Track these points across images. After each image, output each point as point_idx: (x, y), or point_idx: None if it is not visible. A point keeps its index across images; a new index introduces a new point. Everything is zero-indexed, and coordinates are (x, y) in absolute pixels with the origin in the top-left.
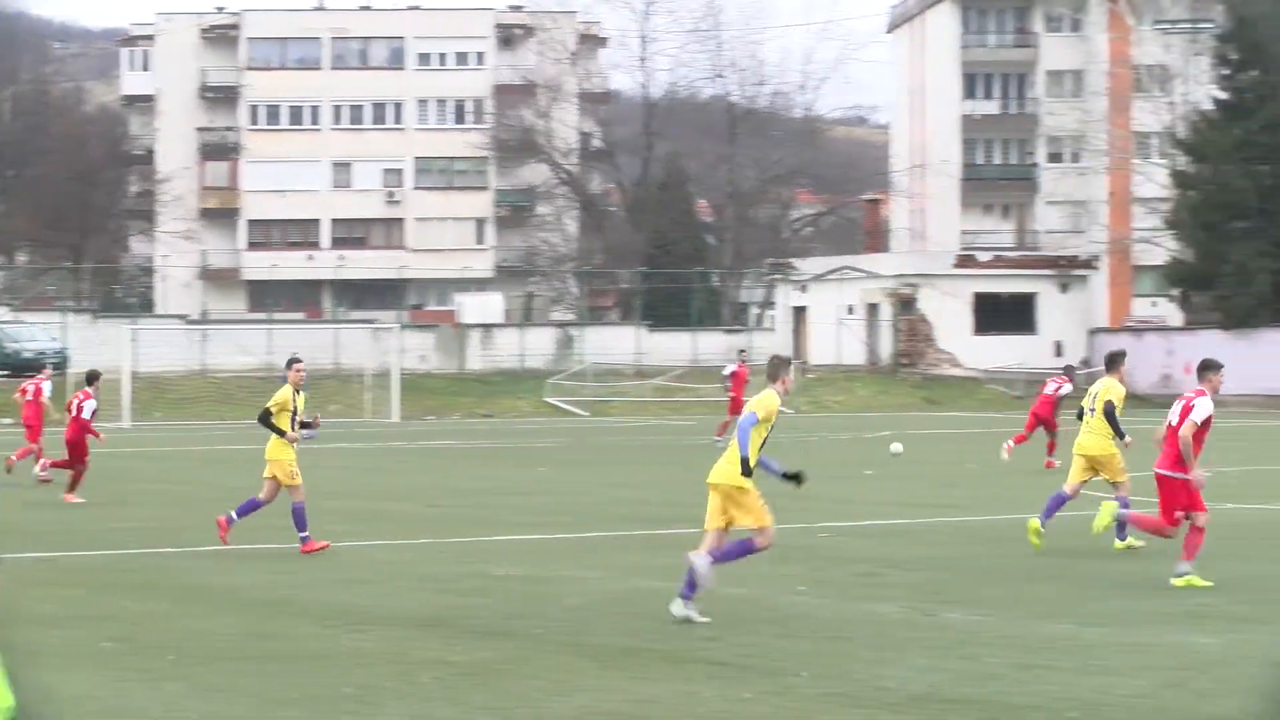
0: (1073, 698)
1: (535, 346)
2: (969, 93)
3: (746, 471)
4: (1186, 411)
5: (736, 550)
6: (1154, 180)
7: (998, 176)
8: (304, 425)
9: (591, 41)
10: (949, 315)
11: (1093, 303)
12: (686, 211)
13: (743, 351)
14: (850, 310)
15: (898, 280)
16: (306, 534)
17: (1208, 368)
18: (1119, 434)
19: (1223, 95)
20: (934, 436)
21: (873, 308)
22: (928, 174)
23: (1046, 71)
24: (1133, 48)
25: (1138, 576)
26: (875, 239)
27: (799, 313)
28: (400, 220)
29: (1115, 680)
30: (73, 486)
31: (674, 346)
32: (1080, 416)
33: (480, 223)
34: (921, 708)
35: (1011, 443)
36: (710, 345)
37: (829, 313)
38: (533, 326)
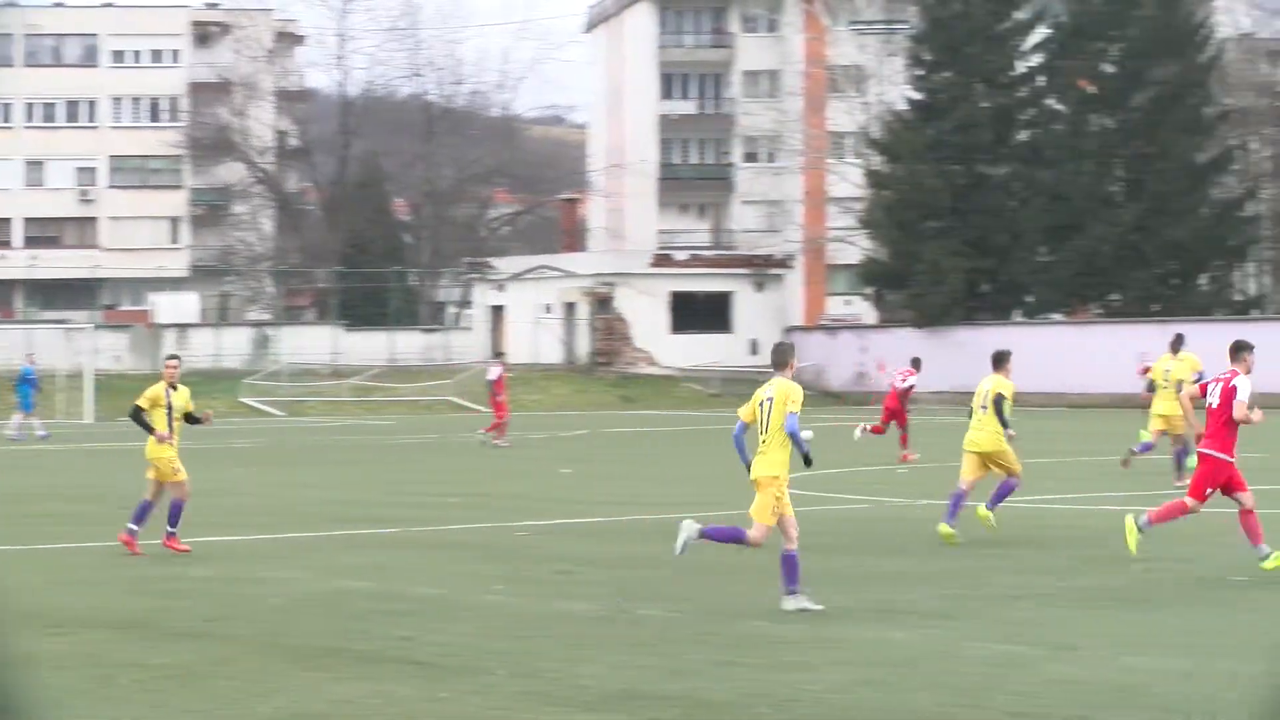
0: (766, 694)
1: (231, 346)
2: (666, 93)
3: (808, 463)
4: (1229, 394)
5: (730, 534)
6: (849, 180)
7: (694, 176)
8: (193, 420)
9: (288, 39)
10: (646, 314)
11: (788, 301)
12: (383, 210)
13: (501, 354)
14: (548, 309)
15: (595, 279)
16: (174, 530)
17: (1242, 348)
18: (1005, 425)
19: (917, 96)
20: (631, 435)
21: (570, 307)
22: (625, 173)
23: (743, 72)
24: (828, 48)
25: (833, 574)
26: (573, 238)
27: (497, 312)
28: (94, 219)
29: (809, 676)
30: None
31: (371, 346)
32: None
33: (175, 222)
34: (618, 704)
35: (867, 426)
36: (408, 345)
37: (527, 312)
38: (228, 326)
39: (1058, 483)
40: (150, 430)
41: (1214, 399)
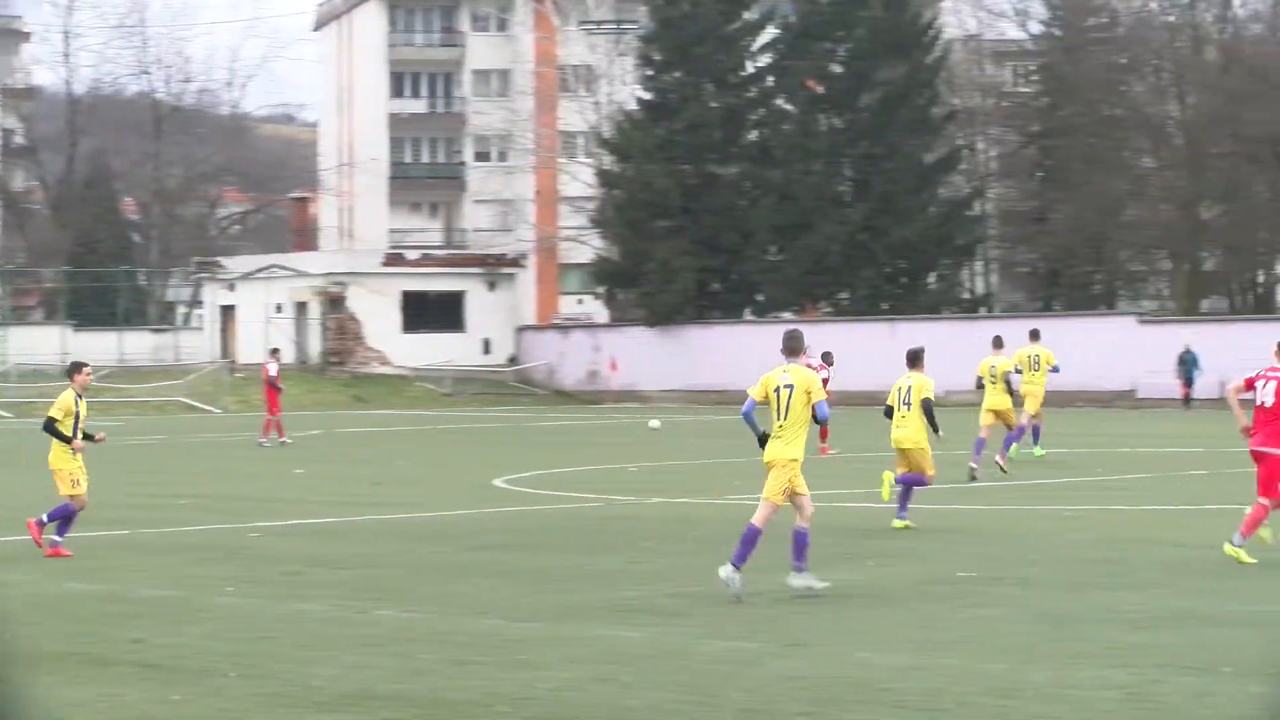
0: (501, 692)
1: None
2: (396, 91)
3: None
4: None
5: (750, 543)
6: (580, 179)
7: (426, 175)
8: (88, 437)
9: (13, 36)
10: (378, 313)
11: (520, 300)
12: (112, 209)
13: (276, 350)
14: (279, 309)
15: (326, 279)
16: (59, 541)
17: None
18: (935, 428)
19: (647, 95)
20: (363, 434)
21: (301, 306)
22: (356, 172)
23: (473, 71)
24: (558, 48)
25: (566, 571)
26: (304, 237)
27: (227, 311)
28: None
29: (542, 674)
30: None
31: (100, 346)
32: (889, 414)
33: None
34: (353, 705)
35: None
36: (137, 345)
37: (257, 311)
38: None
39: None
40: (67, 440)
41: (1267, 397)
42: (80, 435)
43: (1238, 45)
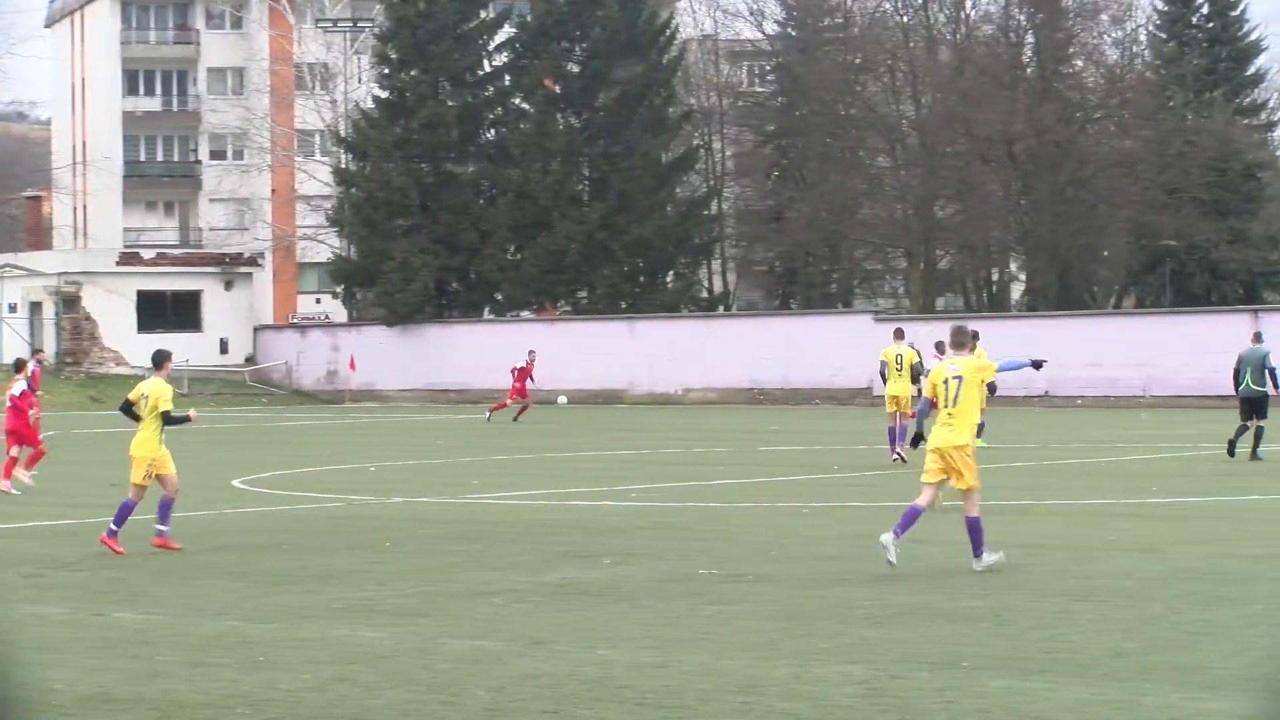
0: (241, 694)
1: None
2: (130, 89)
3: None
4: None
5: (911, 520)
6: (317, 178)
7: (161, 174)
8: (178, 420)
9: None
10: (113, 313)
11: (258, 300)
12: None
13: (39, 351)
14: (13, 308)
15: (60, 278)
16: (116, 530)
17: None
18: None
19: (383, 94)
20: (99, 436)
21: (36, 306)
22: (90, 171)
23: (208, 68)
24: (294, 46)
25: (305, 572)
26: (37, 236)
27: None
28: None
29: (282, 675)
30: None
31: None
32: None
33: None
34: (91, 708)
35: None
36: None
37: None
38: None
39: (524, 479)
40: (182, 421)
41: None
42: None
43: (970, 46)
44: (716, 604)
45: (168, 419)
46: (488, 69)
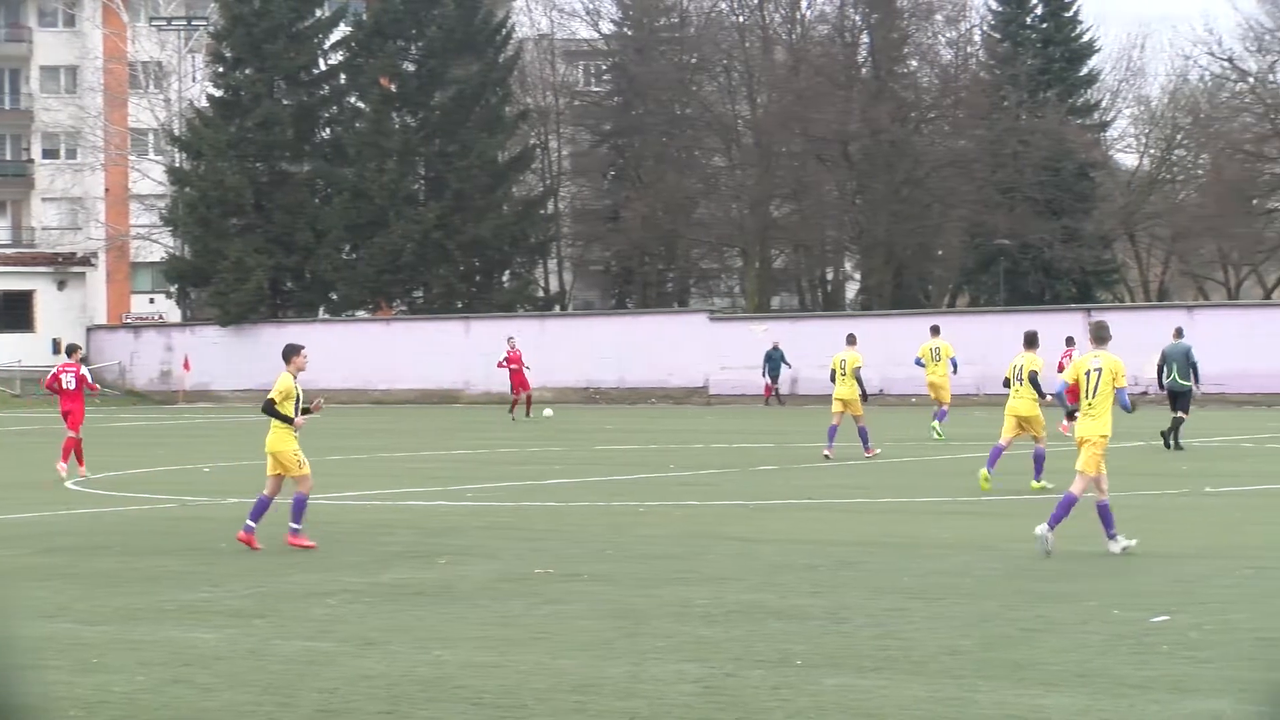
0: (73, 697)
1: None
2: None
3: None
4: None
5: (1067, 509)
6: (151, 177)
7: None
8: (305, 410)
9: None
10: None
11: (91, 300)
12: None
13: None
14: None
15: None
16: (299, 526)
17: None
18: (1040, 395)
19: (218, 93)
20: None
21: None
22: None
23: (41, 66)
24: (128, 44)
25: (138, 574)
26: None
27: None
28: None
29: (116, 677)
30: None
31: None
32: (1007, 384)
33: None
34: None
35: None
36: None
37: None
38: None
39: (359, 479)
40: (289, 420)
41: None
42: (299, 412)
43: (805, 46)
44: (552, 603)
45: (268, 409)
46: (323, 67)
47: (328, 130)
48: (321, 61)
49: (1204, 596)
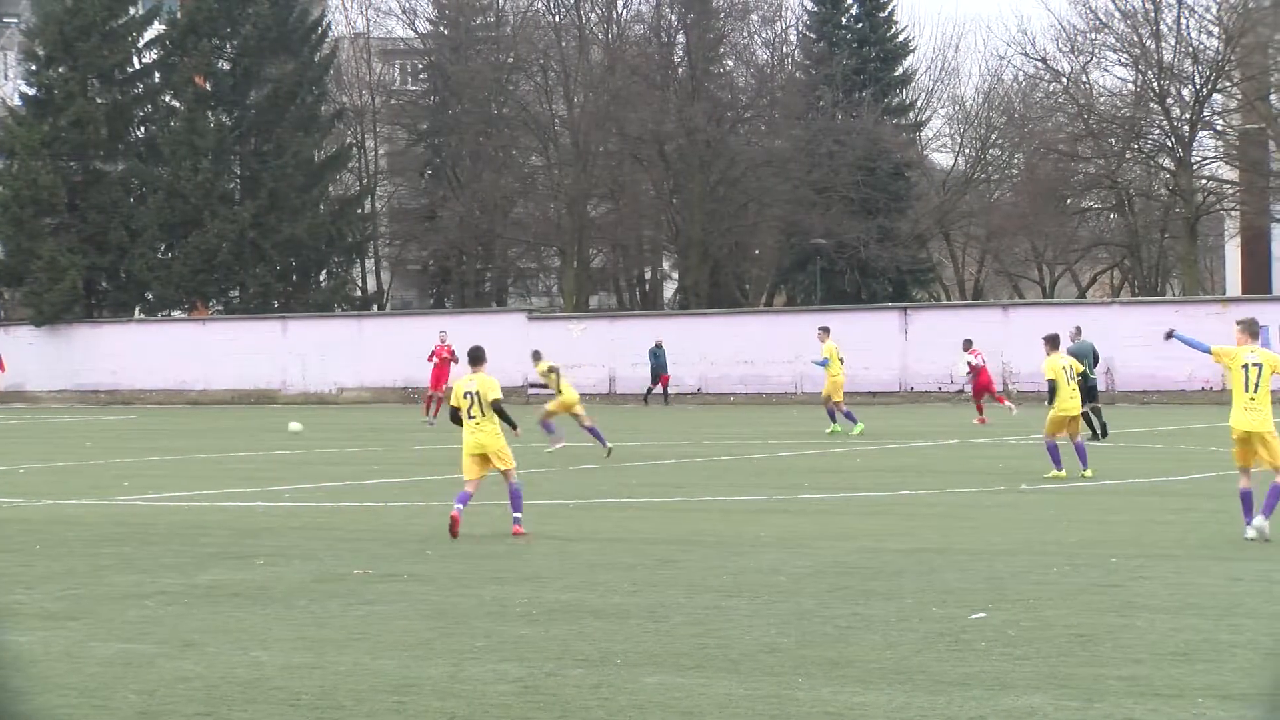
0: None
1: None
2: None
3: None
4: None
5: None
6: None
7: None
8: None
9: None
10: None
11: None
12: None
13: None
14: None
15: None
16: (521, 515)
17: None
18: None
19: (30, 91)
20: None
21: None
22: None
23: None
24: None
25: None
26: None
27: None
28: None
29: None
30: None
31: None
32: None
33: None
34: None
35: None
36: None
37: None
38: None
39: (175, 479)
40: (513, 424)
41: None
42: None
43: (622, 46)
44: (370, 604)
45: (500, 410)
46: (137, 66)
47: (142, 129)
48: (135, 60)
49: (1020, 593)
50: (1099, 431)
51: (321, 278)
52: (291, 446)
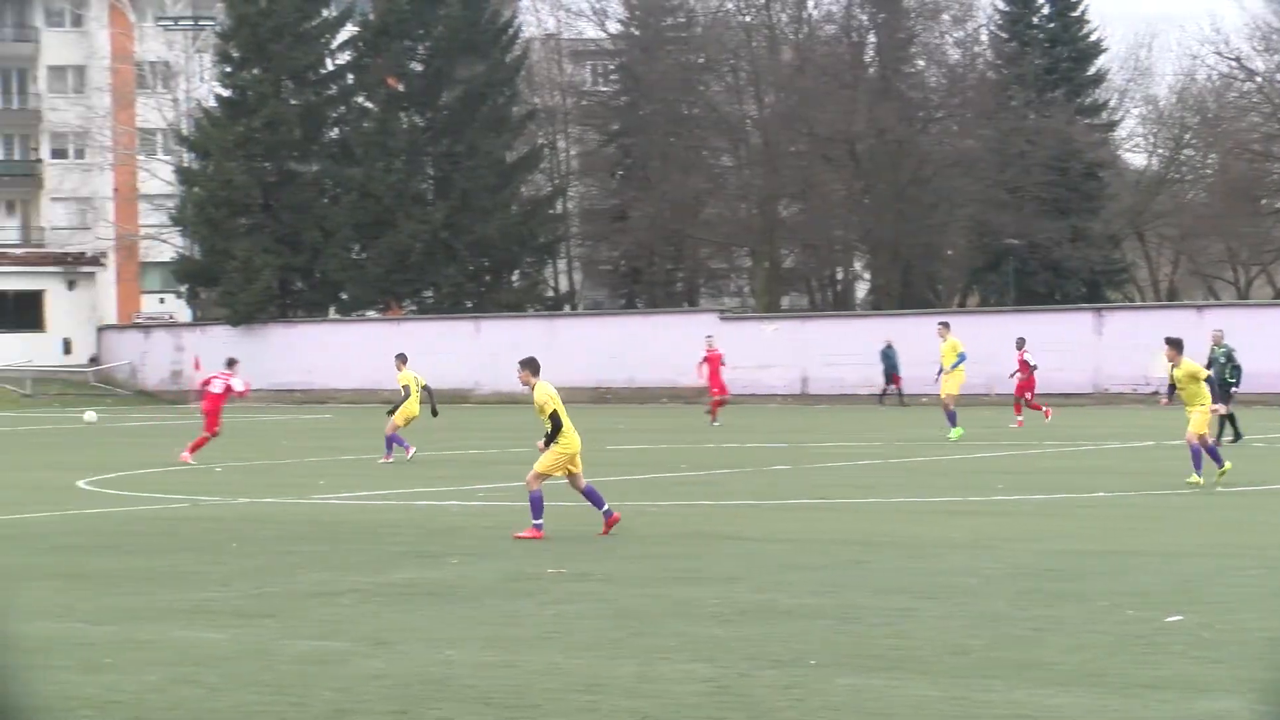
0: (83, 696)
1: None
2: None
3: None
4: None
5: None
6: (159, 177)
7: (1, 173)
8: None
9: None
10: None
11: (101, 299)
12: None
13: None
14: None
15: None
16: (607, 507)
17: None
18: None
19: (225, 92)
20: None
21: None
22: None
23: (48, 66)
24: (135, 44)
25: (147, 574)
26: None
27: None
28: None
29: (124, 677)
30: None
31: None
32: (1172, 388)
33: None
34: None
35: None
36: None
37: None
38: None
39: (373, 479)
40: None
41: None
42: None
43: (811, 46)
44: (560, 603)
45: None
46: (330, 67)
47: (335, 130)
48: (329, 61)
49: (1213, 596)
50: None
51: (513, 278)
52: (484, 446)
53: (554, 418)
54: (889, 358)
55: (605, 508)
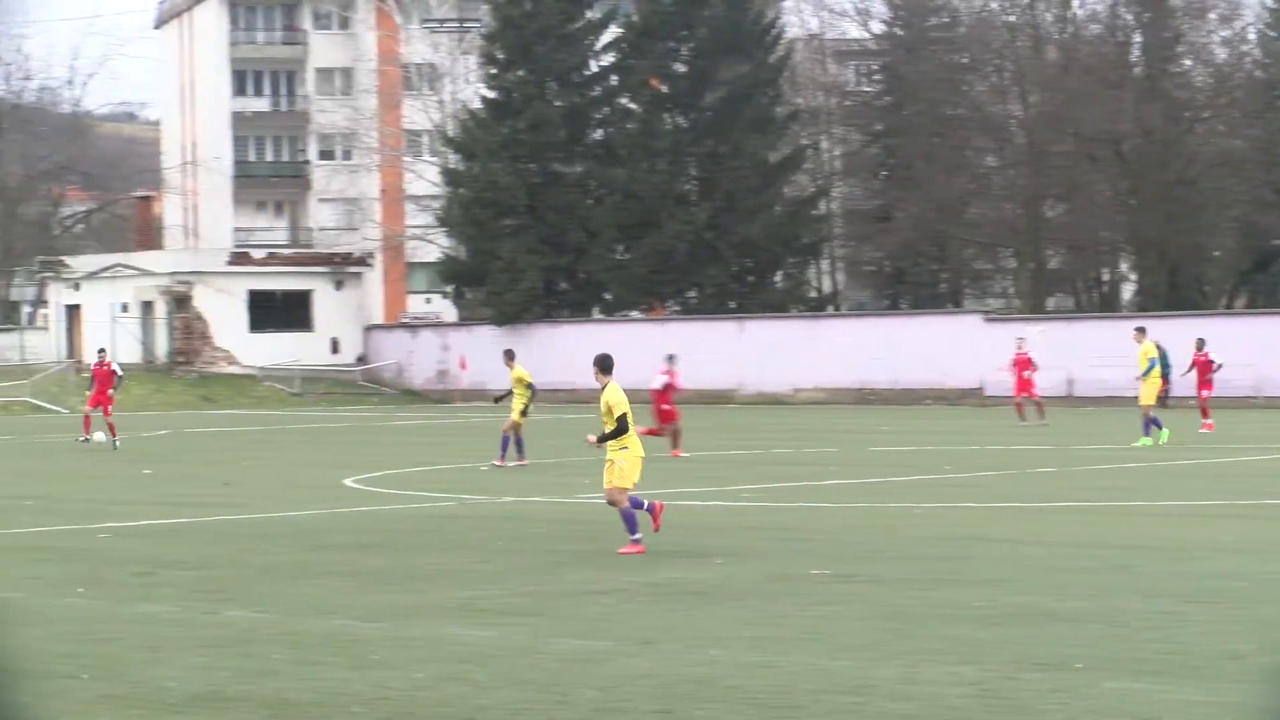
0: (352, 693)
1: None
2: (239, 89)
3: None
4: None
5: None
6: (425, 178)
7: (270, 174)
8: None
9: None
10: (224, 313)
11: (368, 299)
12: None
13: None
14: (124, 308)
15: (172, 278)
16: (649, 506)
17: None
18: None
19: (490, 94)
20: (211, 434)
21: (147, 305)
22: (199, 171)
23: (316, 69)
24: (401, 46)
25: (413, 572)
26: (147, 236)
27: (72, 311)
28: None
29: (393, 674)
30: None
31: None
32: None
33: None
34: (203, 706)
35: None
36: None
37: (103, 311)
38: None
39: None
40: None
41: None
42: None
43: (1076, 45)
44: (824, 604)
45: (621, 422)
46: (594, 69)
47: (599, 131)
48: (592, 63)
49: None
50: None
51: (777, 278)
52: (748, 447)
53: (621, 420)
54: (1161, 360)
55: (636, 536)
